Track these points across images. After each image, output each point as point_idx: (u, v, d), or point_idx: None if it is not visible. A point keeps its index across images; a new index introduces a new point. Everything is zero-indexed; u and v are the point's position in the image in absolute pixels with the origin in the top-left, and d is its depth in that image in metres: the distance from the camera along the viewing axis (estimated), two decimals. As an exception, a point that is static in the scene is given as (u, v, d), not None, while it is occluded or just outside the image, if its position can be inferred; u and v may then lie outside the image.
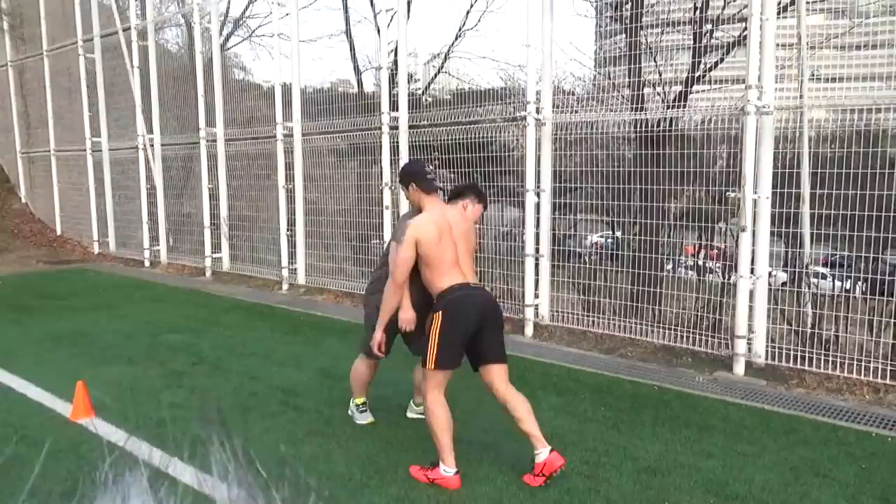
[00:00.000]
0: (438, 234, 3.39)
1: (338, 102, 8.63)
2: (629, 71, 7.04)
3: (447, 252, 3.41)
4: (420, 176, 3.58)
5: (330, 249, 8.80)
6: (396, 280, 3.48)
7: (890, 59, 6.79)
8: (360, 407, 4.18)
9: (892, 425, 4.18)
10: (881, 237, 4.86)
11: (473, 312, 3.38)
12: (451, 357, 3.35)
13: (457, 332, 3.33)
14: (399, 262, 3.44)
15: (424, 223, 3.42)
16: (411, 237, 3.37)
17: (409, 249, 3.38)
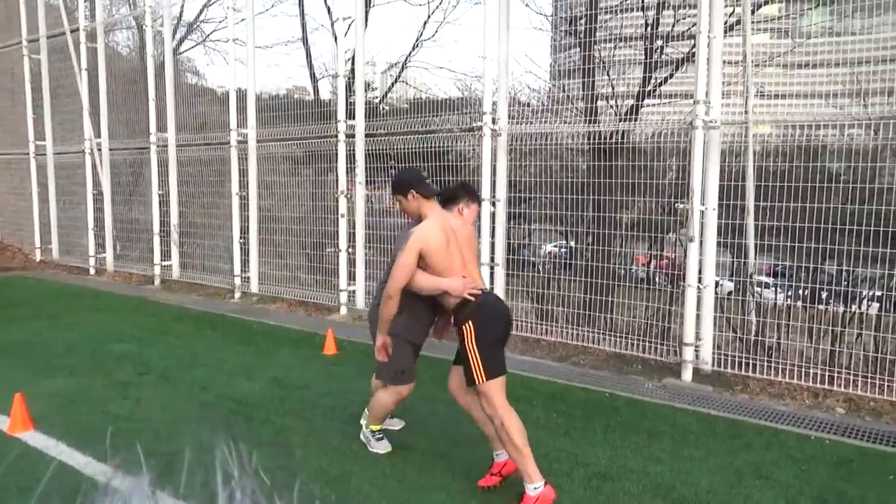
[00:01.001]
0: (446, 241, 3.27)
1: (294, 109, 8.57)
2: (583, 84, 7.20)
3: (455, 259, 3.30)
4: (419, 182, 3.43)
5: (284, 258, 8.69)
6: (389, 290, 3.26)
7: (830, 77, 7.09)
8: (377, 434, 3.90)
9: (829, 428, 4.35)
10: (821, 248, 5.06)
11: (501, 315, 3.32)
12: (497, 363, 3.20)
13: (492, 337, 3.21)
14: (399, 268, 3.23)
15: (431, 229, 3.28)
16: (415, 244, 3.21)
17: (411, 256, 3.21)
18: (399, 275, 3.24)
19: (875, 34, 6.41)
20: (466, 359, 3.17)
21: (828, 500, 3.34)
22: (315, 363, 5.82)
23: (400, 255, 3.24)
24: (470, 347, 3.16)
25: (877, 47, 6.51)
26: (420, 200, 3.41)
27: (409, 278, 3.24)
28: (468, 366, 3.17)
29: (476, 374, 3.14)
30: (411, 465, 3.68)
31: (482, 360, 3.14)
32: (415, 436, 4.07)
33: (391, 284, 3.26)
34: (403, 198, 3.45)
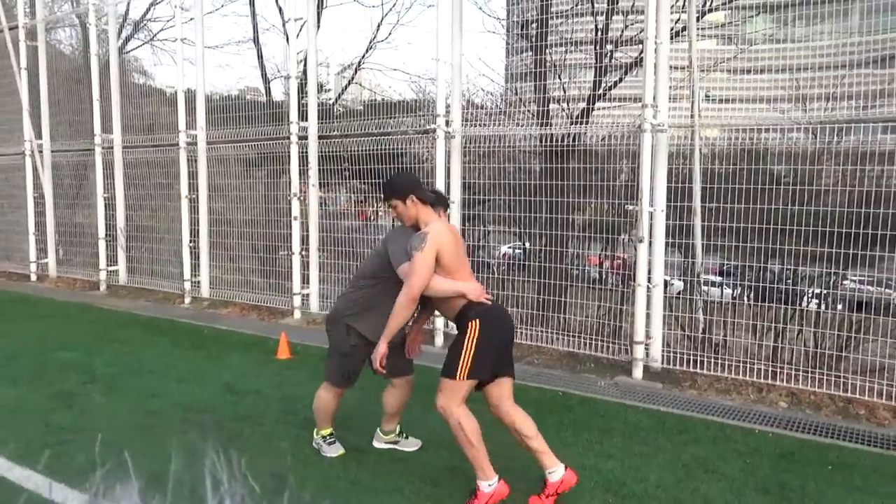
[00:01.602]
0: (456, 242, 3.23)
1: (245, 111, 8.44)
2: (535, 87, 7.30)
3: (464, 261, 3.26)
4: (419, 187, 3.36)
5: (236, 261, 8.54)
6: (413, 292, 3.14)
7: (772, 83, 7.34)
8: (328, 438, 3.86)
9: (773, 422, 4.50)
10: (766, 248, 5.24)
11: (504, 323, 3.27)
12: (485, 367, 3.13)
13: (493, 342, 3.14)
14: (422, 270, 3.11)
15: (443, 230, 3.20)
16: (434, 243, 3.11)
17: (431, 255, 3.10)
18: (422, 274, 3.11)
19: (815, 42, 6.66)
20: (457, 350, 3.10)
21: (771, 490, 3.45)
22: (268, 368, 5.73)
23: (417, 256, 3.11)
24: (468, 343, 3.09)
25: (816, 54, 6.76)
26: (419, 206, 3.33)
27: (430, 278, 3.14)
28: (455, 357, 3.10)
29: (460, 368, 3.07)
30: (365, 467, 3.66)
31: (472, 359, 3.07)
32: (369, 438, 4.04)
33: (414, 284, 3.12)
34: (402, 203, 3.33)
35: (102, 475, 1.06)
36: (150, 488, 1.06)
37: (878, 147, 5.15)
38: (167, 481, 1.03)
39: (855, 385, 4.80)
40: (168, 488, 1.03)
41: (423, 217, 3.32)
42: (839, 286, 5.64)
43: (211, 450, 3.97)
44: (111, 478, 1.16)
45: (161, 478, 1.05)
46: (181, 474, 3.52)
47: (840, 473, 3.68)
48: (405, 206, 3.33)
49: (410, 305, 3.20)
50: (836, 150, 5.29)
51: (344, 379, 3.68)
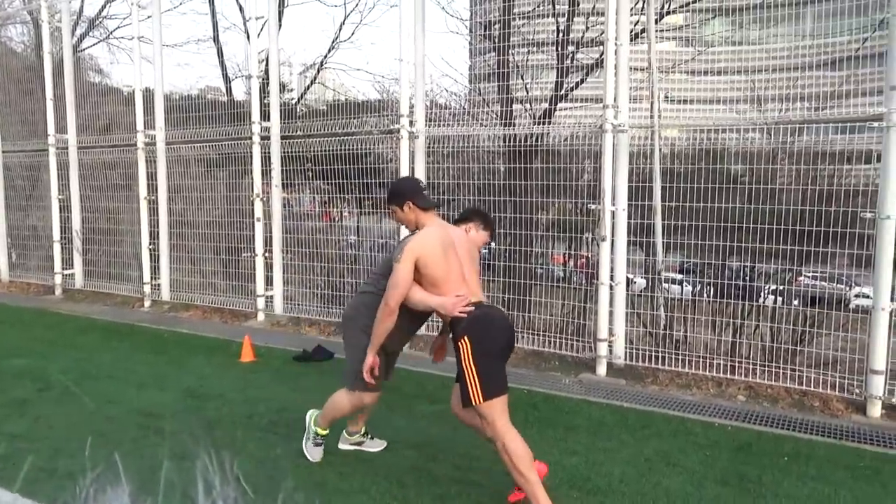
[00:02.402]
0: (443, 250, 3.11)
1: (206, 110, 8.28)
2: (499, 88, 7.33)
3: (453, 269, 3.13)
4: (417, 193, 3.26)
5: (197, 263, 8.38)
6: (390, 303, 3.09)
7: (730, 84, 7.51)
8: (318, 438, 3.73)
9: (732, 415, 4.61)
10: (725, 245, 5.35)
11: (499, 328, 3.13)
12: (498, 381, 3.01)
13: (490, 353, 3.02)
14: (397, 281, 3.06)
15: (426, 239, 3.13)
16: (410, 254, 3.04)
17: (407, 266, 3.05)
18: (398, 287, 3.07)
19: (770, 44, 6.83)
20: (463, 376, 2.98)
21: (730, 482, 3.53)
22: (231, 371, 5.64)
23: (395, 267, 3.08)
24: (466, 364, 2.96)
25: (771, 57, 6.94)
26: (417, 212, 3.25)
27: (408, 290, 3.08)
28: (465, 384, 2.98)
29: (473, 393, 2.95)
30: (332, 469, 3.64)
31: (479, 378, 2.94)
32: (333, 441, 4.02)
33: (391, 297, 3.09)
34: (399, 209, 3.28)
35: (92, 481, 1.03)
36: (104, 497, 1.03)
37: (830, 147, 5.32)
38: (122, 490, 1.01)
39: (810, 378, 4.95)
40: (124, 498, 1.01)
41: (422, 222, 3.25)
42: (795, 282, 5.81)
43: (172, 456, 3.92)
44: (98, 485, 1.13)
45: (116, 486, 1.03)
46: (140, 481, 3.45)
47: (795, 464, 3.78)
48: (402, 212, 3.28)
49: (387, 318, 3.14)
50: (790, 150, 5.43)
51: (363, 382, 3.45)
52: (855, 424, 4.50)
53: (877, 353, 4.61)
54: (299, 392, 5.08)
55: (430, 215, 3.27)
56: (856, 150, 5.35)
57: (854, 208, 4.91)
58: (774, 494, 3.39)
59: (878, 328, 4.60)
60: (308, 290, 7.58)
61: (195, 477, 3.19)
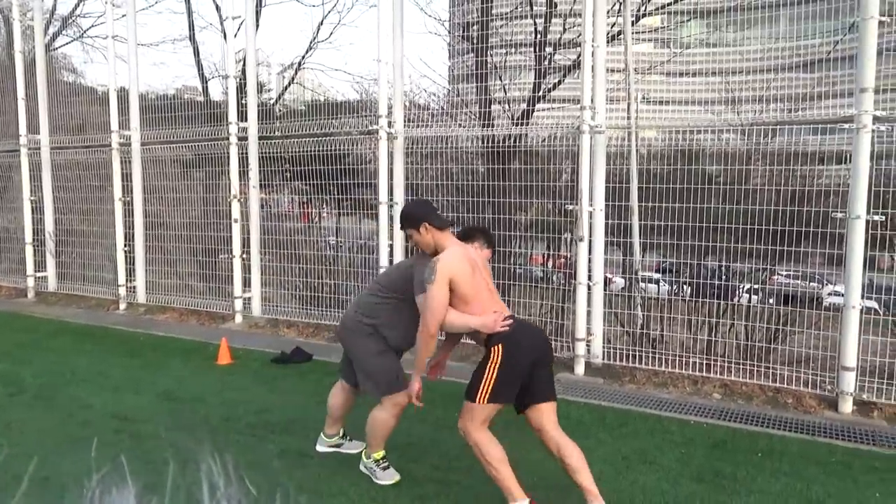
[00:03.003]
0: (471, 267, 3.12)
1: (183, 110, 8.19)
2: (478, 88, 7.36)
3: (481, 285, 3.14)
4: (431, 214, 3.26)
5: (174, 265, 8.29)
6: (430, 328, 3.05)
7: (706, 85, 7.60)
8: (381, 462, 3.56)
9: (707, 413, 4.67)
10: (702, 245, 5.42)
11: (531, 344, 3.13)
12: (508, 392, 3.05)
13: (518, 366, 3.04)
14: (435, 306, 3.03)
15: (455, 258, 3.10)
16: (444, 275, 3.02)
17: (443, 287, 3.02)
18: (437, 310, 3.04)
19: (745, 47, 6.91)
20: (480, 374, 3.03)
21: (705, 479, 3.58)
22: (208, 374, 5.59)
23: (430, 289, 3.04)
24: (490, 369, 3.01)
25: (746, 59, 7.03)
26: (434, 232, 3.25)
27: (445, 312, 3.06)
28: (477, 380, 3.03)
29: (480, 392, 3.01)
30: (309, 472, 3.62)
31: (494, 385, 3.00)
32: (312, 443, 4.00)
33: (431, 322, 3.05)
34: (416, 231, 3.28)
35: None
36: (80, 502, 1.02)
37: (803, 148, 5.41)
38: (97, 496, 1.01)
39: (783, 375, 5.03)
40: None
41: (440, 243, 3.25)
42: (769, 281, 5.90)
43: (149, 460, 3.88)
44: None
45: (91, 491, 1.02)
46: (116, 487, 3.40)
47: (769, 460, 3.84)
48: (419, 234, 3.27)
49: (430, 342, 3.12)
50: (765, 151, 5.52)
51: (398, 379, 3.47)
52: (827, 420, 4.58)
53: (848, 350, 4.70)
54: (278, 394, 5.04)
55: (446, 234, 3.28)
56: (828, 150, 5.46)
57: (827, 208, 5.00)
58: (748, 490, 3.44)
59: (848, 326, 4.69)
60: (286, 292, 7.53)
61: (171, 480, 3.16)
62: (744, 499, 3.35)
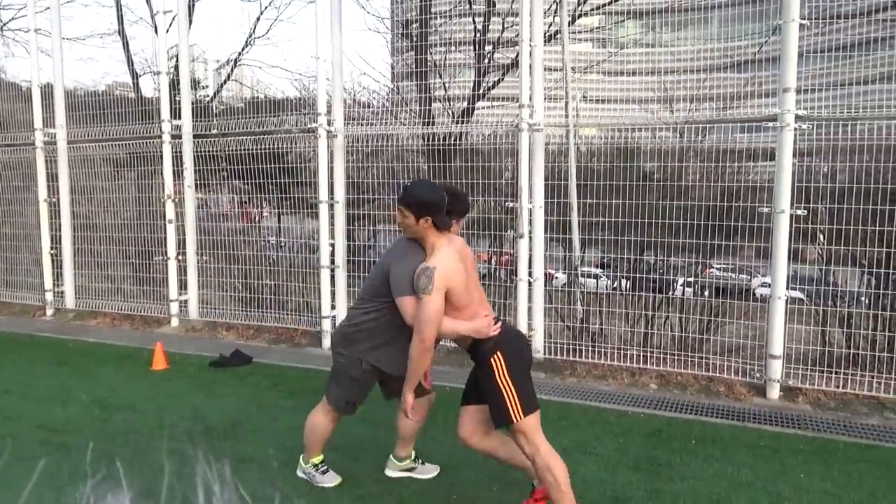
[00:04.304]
0: (465, 271, 2.94)
1: (113, 107, 7.87)
2: (419, 87, 7.35)
3: (472, 289, 2.98)
4: (440, 213, 2.92)
5: (105, 268, 7.96)
6: (426, 340, 2.83)
7: (642, 84, 7.79)
8: (320, 467, 3.48)
9: (644, 403, 4.80)
10: (640, 241, 5.55)
11: (523, 342, 3.08)
12: (533, 395, 2.93)
13: (522, 367, 2.95)
14: (430, 315, 2.80)
15: (451, 264, 2.87)
16: (442, 284, 2.80)
17: (440, 298, 2.81)
18: (432, 321, 2.81)
19: (679, 47, 7.11)
20: (498, 394, 2.84)
21: (641, 467, 3.68)
22: (142, 380, 5.40)
23: (426, 300, 2.80)
24: (503, 381, 2.85)
25: (680, 59, 7.23)
26: (430, 230, 2.94)
27: (440, 322, 2.84)
28: (501, 402, 2.84)
29: (513, 410, 2.83)
30: (250, 476, 3.54)
31: (517, 393, 2.83)
32: (254, 446, 3.92)
33: (426, 334, 2.82)
34: (414, 217, 2.92)
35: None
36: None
37: (734, 145, 5.61)
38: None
39: (716, 365, 5.21)
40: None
41: (431, 240, 2.95)
42: (704, 274, 6.09)
43: (77, 472, 3.72)
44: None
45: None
46: (44, 500, 3.25)
47: (702, 446, 3.98)
48: (416, 223, 2.93)
49: (426, 355, 2.90)
50: (699, 149, 5.70)
51: (349, 405, 3.34)
52: (756, 407, 4.77)
53: (774, 338, 4.91)
54: (216, 399, 4.92)
55: (441, 235, 2.98)
56: (756, 148, 5.68)
57: (756, 203, 5.20)
58: (682, 476, 3.55)
59: (775, 315, 4.90)
60: (225, 294, 7.34)
61: (102, 493, 3.05)
62: (678, 484, 3.46)
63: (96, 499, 3.24)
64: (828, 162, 5.09)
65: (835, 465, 3.75)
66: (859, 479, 3.58)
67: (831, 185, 4.95)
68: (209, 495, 3.30)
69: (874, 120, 4.82)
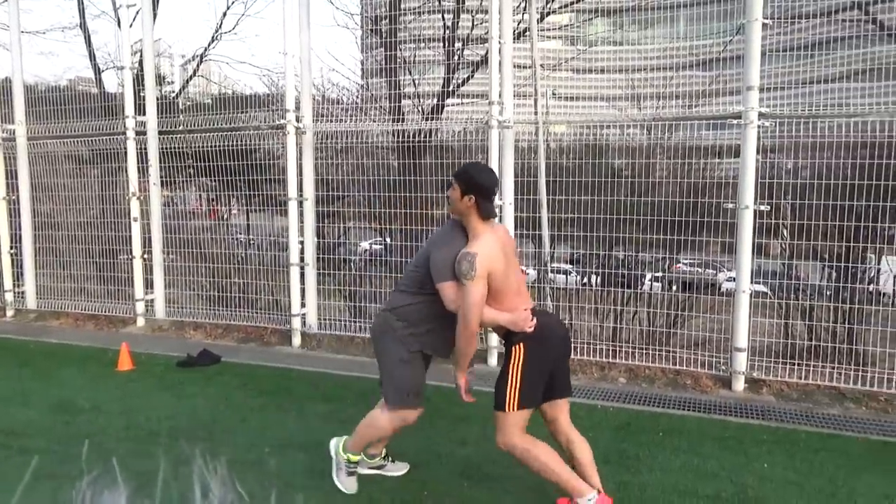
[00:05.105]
0: (505, 260, 2.96)
1: (76, 103, 7.69)
2: (389, 83, 7.31)
3: (512, 278, 2.99)
4: (489, 195, 2.98)
5: (68, 268, 7.78)
6: (471, 325, 2.86)
7: (611, 82, 7.87)
8: (351, 466, 3.37)
9: (613, 397, 4.86)
10: (609, 237, 5.60)
11: (555, 339, 3.02)
12: (536, 393, 2.95)
13: (542, 365, 2.93)
14: (474, 300, 2.84)
15: (493, 250, 2.90)
16: (483, 269, 2.83)
17: (483, 283, 2.84)
18: (476, 306, 2.85)
19: (647, 45, 7.19)
20: (504, 380, 2.93)
21: (611, 460, 3.72)
22: (107, 382, 5.29)
23: (469, 285, 2.83)
24: (513, 371, 2.91)
25: (648, 57, 7.32)
26: (474, 213, 2.99)
27: (483, 307, 2.87)
28: (502, 388, 2.92)
29: (509, 398, 2.91)
30: (216, 478, 3.48)
31: (521, 388, 2.90)
32: (224, 447, 3.86)
33: (471, 319, 2.86)
34: (461, 195, 2.97)
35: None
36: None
37: (701, 142, 5.70)
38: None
39: (683, 358, 5.30)
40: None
41: (473, 224, 3.01)
42: (672, 269, 6.18)
43: (39, 476, 3.63)
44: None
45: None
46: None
47: (669, 438, 4.04)
48: (462, 200, 2.98)
49: (472, 341, 2.95)
50: (666, 146, 5.77)
51: (410, 397, 3.20)
52: (722, 399, 4.87)
53: (739, 331, 5.01)
54: (184, 399, 4.84)
55: (484, 223, 3.02)
56: (722, 145, 5.78)
57: (722, 199, 5.29)
58: (650, 468, 3.61)
59: (739, 309, 4.99)
60: (193, 293, 7.23)
61: (67, 498, 2.98)
62: (646, 476, 3.51)
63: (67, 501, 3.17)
64: (791, 158, 5.21)
65: (797, 454, 3.84)
66: (820, 467, 3.67)
67: (795, 181, 5.07)
68: (178, 496, 3.26)
69: (835, 118, 4.93)
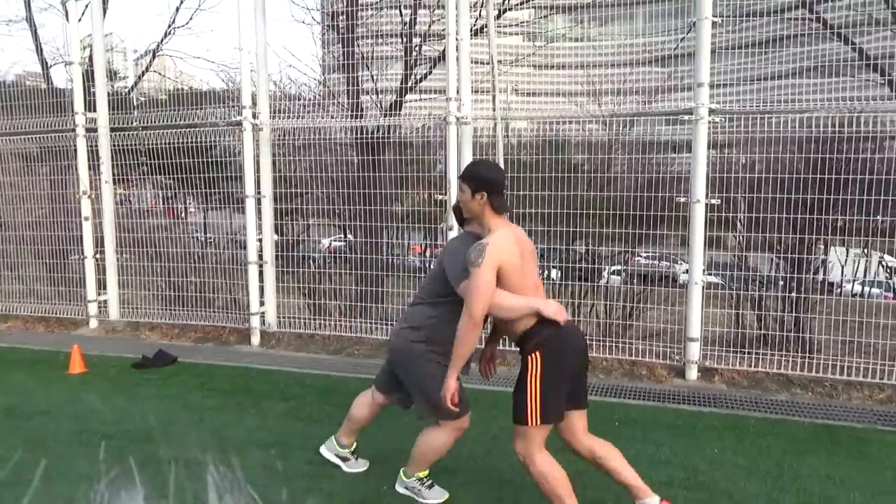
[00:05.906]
0: (521, 255, 2.82)
1: (22, 99, 7.45)
2: (347, 79, 7.27)
3: (529, 276, 2.86)
4: (500, 189, 2.88)
5: (16, 269, 7.55)
6: (475, 314, 2.71)
7: (570, 78, 7.96)
8: (426, 480, 3.30)
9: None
10: (570, 231, 5.67)
11: (575, 347, 2.85)
12: (557, 404, 2.80)
13: (562, 375, 2.78)
14: (481, 290, 2.70)
15: (507, 243, 2.78)
16: (493, 258, 2.70)
17: (492, 271, 2.71)
18: (482, 294, 2.71)
19: (606, 41, 7.30)
20: (523, 392, 2.77)
21: (566, 450, 3.77)
22: (58, 385, 5.16)
23: (476, 272, 2.72)
24: (531, 382, 2.75)
25: (606, 53, 7.43)
26: (488, 209, 2.88)
27: (491, 297, 2.73)
28: (522, 401, 2.77)
29: (530, 413, 2.75)
30: (175, 478, 3.44)
31: (542, 400, 2.74)
32: (179, 449, 3.81)
33: (475, 307, 2.72)
34: (472, 194, 2.88)
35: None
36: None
37: (657, 137, 5.82)
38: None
39: (639, 349, 5.41)
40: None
41: (488, 221, 2.90)
42: (631, 263, 6.30)
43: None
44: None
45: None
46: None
47: (625, 427, 4.14)
48: (473, 199, 2.89)
49: (474, 330, 2.78)
50: (624, 141, 5.87)
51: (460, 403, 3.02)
52: (675, 388, 4.99)
53: (692, 322, 5.14)
54: (138, 401, 4.75)
55: (500, 218, 2.93)
56: (677, 140, 5.90)
57: (678, 194, 5.40)
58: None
59: (692, 300, 5.13)
60: (148, 293, 7.09)
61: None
62: (601, 466, 3.58)
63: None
64: (743, 153, 5.35)
65: (746, 439, 3.97)
66: (768, 451, 3.80)
67: (746, 175, 5.21)
68: (133, 499, 3.21)
69: (785, 113, 5.09)
